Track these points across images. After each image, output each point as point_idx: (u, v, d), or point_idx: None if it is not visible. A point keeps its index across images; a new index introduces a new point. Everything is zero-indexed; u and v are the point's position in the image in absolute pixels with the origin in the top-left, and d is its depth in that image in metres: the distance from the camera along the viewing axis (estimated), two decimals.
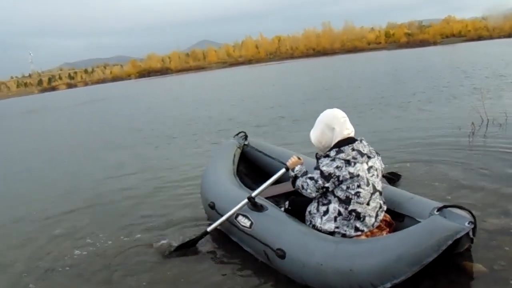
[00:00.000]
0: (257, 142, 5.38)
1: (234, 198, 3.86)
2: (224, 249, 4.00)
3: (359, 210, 3.14)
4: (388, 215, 3.40)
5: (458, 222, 2.75)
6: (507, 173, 5.00)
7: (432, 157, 6.00)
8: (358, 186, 3.12)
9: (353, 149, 3.16)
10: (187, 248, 3.97)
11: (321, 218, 3.25)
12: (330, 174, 3.15)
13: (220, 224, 3.94)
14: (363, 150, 3.19)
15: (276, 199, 4.34)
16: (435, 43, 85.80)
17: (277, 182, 4.12)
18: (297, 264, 3.09)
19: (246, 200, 3.69)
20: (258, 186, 4.13)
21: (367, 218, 3.17)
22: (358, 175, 3.12)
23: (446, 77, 17.23)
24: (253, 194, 3.74)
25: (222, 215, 3.90)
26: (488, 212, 3.99)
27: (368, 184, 3.15)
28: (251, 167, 5.32)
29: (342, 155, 3.15)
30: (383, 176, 4.85)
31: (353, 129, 3.32)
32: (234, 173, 4.73)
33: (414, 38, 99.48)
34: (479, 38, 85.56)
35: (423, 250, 2.66)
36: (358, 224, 3.16)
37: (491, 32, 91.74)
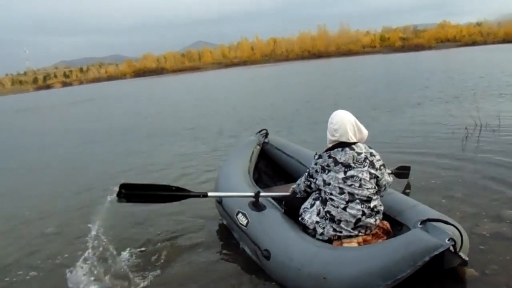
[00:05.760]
0: (278, 140, 5.41)
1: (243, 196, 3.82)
2: (225, 244, 4.13)
3: (333, 213, 3.17)
4: (386, 223, 3.35)
5: (439, 238, 2.63)
6: (499, 178, 5.04)
7: (425, 161, 6.04)
8: (331, 194, 3.19)
9: (329, 156, 3.22)
10: (179, 197, 3.69)
11: (309, 213, 3.33)
12: (312, 174, 3.39)
13: (221, 197, 4.03)
14: (340, 158, 3.18)
15: None
16: (429, 48, 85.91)
17: (292, 181, 4.30)
18: (279, 266, 3.11)
19: (252, 194, 3.69)
20: (274, 183, 4.30)
21: (343, 223, 3.15)
22: (329, 184, 3.20)
23: (440, 82, 17.32)
24: (262, 193, 3.73)
25: (227, 212, 3.96)
26: (481, 217, 4.04)
27: (342, 193, 3.15)
28: (271, 165, 5.35)
29: (320, 161, 3.29)
30: (392, 173, 4.88)
31: (347, 135, 3.24)
32: (248, 170, 4.70)
33: (409, 42, 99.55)
34: (473, 43, 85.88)
35: (397, 264, 2.60)
36: (334, 226, 3.17)
37: (485, 38, 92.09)
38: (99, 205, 5.69)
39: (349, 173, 3.17)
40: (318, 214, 3.26)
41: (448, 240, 2.62)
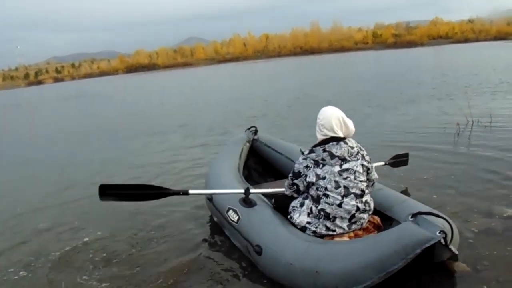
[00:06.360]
0: (267, 137, 5.40)
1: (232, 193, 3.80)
2: (216, 241, 4.10)
3: (328, 210, 3.13)
4: (377, 218, 3.37)
5: (430, 231, 2.64)
6: (490, 174, 5.07)
7: (416, 157, 6.03)
8: (325, 189, 3.14)
9: (324, 150, 3.17)
10: (159, 195, 3.64)
11: (299, 212, 3.29)
12: (299, 172, 3.28)
13: (205, 194, 4.00)
14: (336, 152, 3.16)
15: None
16: (422, 44, 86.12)
17: (281, 178, 4.33)
18: (271, 261, 3.11)
19: (242, 190, 3.66)
20: (264, 180, 4.28)
21: (338, 220, 3.13)
22: (324, 178, 3.14)
23: (432, 78, 17.38)
24: (252, 189, 3.70)
25: (218, 209, 3.93)
26: (472, 213, 4.05)
27: (337, 187, 3.12)
28: (260, 162, 5.35)
29: (312, 155, 3.22)
30: (387, 164, 4.88)
31: (333, 130, 3.22)
32: (238, 167, 4.67)
33: (401, 39, 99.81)
34: (466, 40, 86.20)
35: (389, 257, 2.60)
36: (328, 224, 3.15)
37: (478, 35, 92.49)
38: (90, 201, 5.72)
39: (345, 166, 3.16)
40: (309, 214, 3.22)
41: (439, 233, 2.63)
